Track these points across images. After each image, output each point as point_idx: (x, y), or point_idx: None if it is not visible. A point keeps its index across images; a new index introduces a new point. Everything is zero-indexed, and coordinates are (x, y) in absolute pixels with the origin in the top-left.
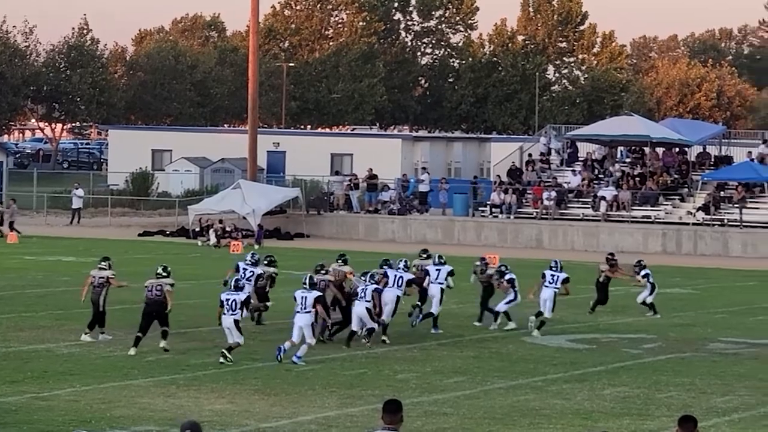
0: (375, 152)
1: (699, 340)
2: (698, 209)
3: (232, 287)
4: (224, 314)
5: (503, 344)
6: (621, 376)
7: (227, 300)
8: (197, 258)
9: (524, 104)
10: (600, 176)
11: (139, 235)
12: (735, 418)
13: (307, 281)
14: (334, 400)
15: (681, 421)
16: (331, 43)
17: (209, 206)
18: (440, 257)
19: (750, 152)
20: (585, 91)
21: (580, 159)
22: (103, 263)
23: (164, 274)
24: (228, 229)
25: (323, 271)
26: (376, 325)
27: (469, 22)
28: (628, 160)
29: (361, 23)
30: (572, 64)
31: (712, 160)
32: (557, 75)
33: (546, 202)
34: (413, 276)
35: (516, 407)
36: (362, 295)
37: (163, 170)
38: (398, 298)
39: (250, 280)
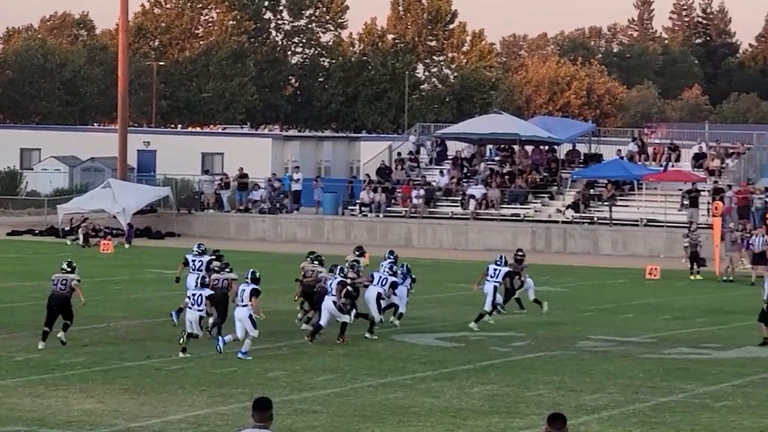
0: (245, 151)
1: (568, 338)
2: (568, 207)
3: (198, 284)
4: (189, 308)
5: (372, 343)
6: (490, 375)
7: (193, 295)
8: (66, 257)
9: (394, 103)
10: (469, 175)
11: (8, 234)
12: (604, 415)
13: (250, 276)
14: (205, 398)
15: (550, 419)
16: (201, 42)
17: (79, 205)
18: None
19: (619, 150)
20: (454, 90)
21: (449, 157)
22: None
23: (69, 269)
24: (97, 228)
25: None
26: (348, 318)
27: (339, 21)
28: (497, 158)
29: (231, 22)
30: (442, 63)
31: (582, 157)
32: (427, 74)
33: (415, 201)
34: (396, 279)
35: (385, 405)
36: (330, 289)
37: (32, 169)
38: (379, 294)
39: (201, 270)
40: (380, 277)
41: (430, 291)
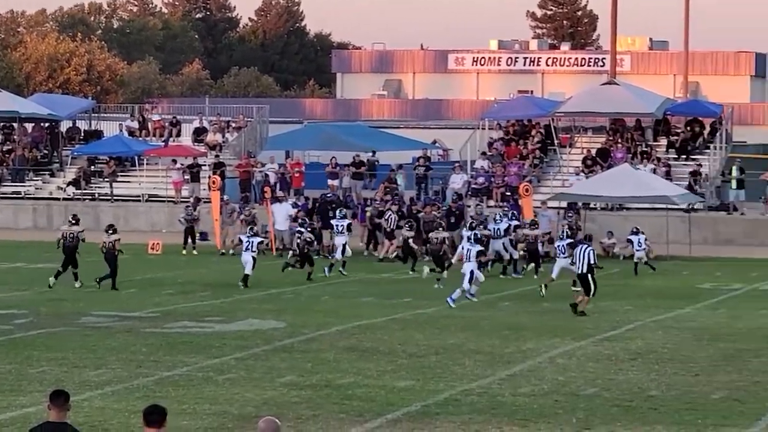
0: None
1: (71, 315)
2: (69, 184)
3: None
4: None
5: None
6: None
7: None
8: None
9: None
10: None
11: None
12: (108, 391)
13: (473, 237)
14: None
15: (52, 396)
16: None
17: None
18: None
19: (121, 125)
20: None
21: None
22: None
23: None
24: None
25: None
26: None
27: None
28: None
29: None
30: None
31: (83, 134)
32: None
33: None
34: None
35: None
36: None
37: None
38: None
39: None
40: None
41: None
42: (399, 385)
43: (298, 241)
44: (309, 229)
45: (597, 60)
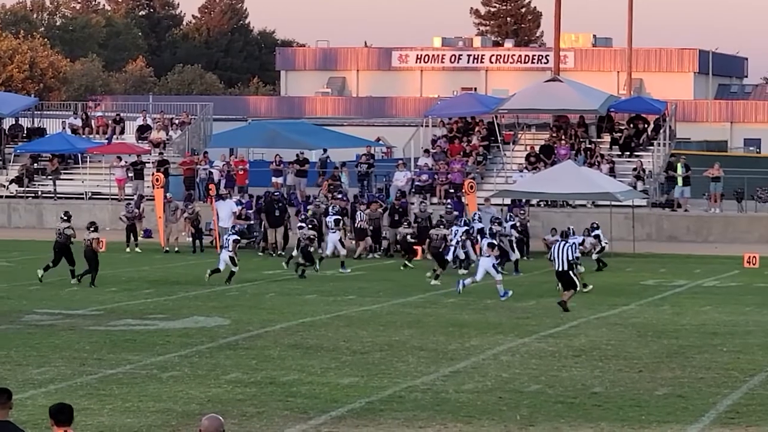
0: None
1: (14, 313)
2: (12, 182)
3: None
4: None
5: None
6: None
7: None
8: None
9: None
10: None
11: None
12: (51, 389)
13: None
14: None
15: None
16: None
17: None
18: None
19: (64, 123)
20: None
21: None
22: None
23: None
24: None
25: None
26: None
27: None
28: None
29: None
30: None
31: (25, 132)
32: None
33: None
34: None
35: None
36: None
37: None
38: None
39: None
40: None
41: None
42: (343, 382)
43: (300, 237)
44: (310, 226)
45: (541, 57)
